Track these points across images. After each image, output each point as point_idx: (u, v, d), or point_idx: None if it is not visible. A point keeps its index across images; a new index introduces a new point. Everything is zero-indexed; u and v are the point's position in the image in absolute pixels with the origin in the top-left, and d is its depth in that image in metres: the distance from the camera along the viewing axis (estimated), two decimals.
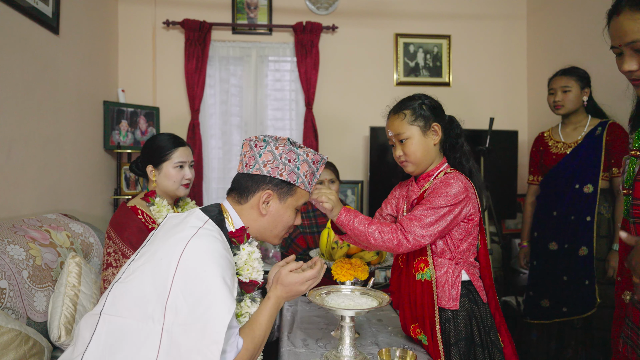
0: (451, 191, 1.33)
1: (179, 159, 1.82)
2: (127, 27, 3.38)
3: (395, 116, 1.44)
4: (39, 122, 2.28)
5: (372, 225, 1.31)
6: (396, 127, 1.43)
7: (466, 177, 1.40)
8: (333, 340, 1.48)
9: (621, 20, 1.02)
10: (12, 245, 1.67)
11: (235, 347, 1.04)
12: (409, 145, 1.41)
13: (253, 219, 1.24)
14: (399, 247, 1.29)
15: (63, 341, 1.62)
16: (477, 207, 1.40)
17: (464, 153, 1.47)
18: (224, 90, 3.48)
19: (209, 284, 1.01)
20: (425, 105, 1.43)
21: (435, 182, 1.39)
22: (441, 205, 1.31)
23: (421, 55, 3.62)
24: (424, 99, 1.45)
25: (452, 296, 1.35)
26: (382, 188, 3.33)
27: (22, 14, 2.12)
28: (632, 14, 1.00)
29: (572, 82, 2.29)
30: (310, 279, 1.21)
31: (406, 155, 1.42)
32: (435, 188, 1.37)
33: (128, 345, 0.99)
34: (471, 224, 1.39)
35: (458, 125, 1.49)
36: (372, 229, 1.31)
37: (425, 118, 1.42)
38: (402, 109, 1.43)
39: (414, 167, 1.44)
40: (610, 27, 1.05)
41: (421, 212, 1.32)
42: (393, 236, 1.29)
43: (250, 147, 1.23)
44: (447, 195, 1.32)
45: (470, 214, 1.38)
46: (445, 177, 1.39)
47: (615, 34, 1.05)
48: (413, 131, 1.41)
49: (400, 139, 1.42)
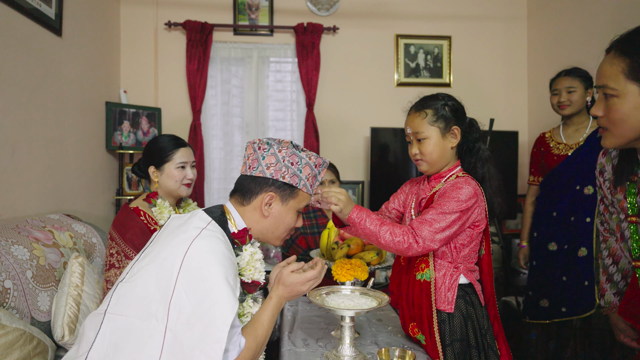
0: (462, 196, 1.32)
1: (180, 160, 1.83)
2: (129, 28, 3.40)
3: (417, 114, 1.42)
4: (42, 123, 2.30)
5: (384, 226, 1.31)
6: (416, 126, 1.41)
7: (477, 183, 1.40)
8: (333, 340, 1.49)
9: (604, 60, 1.04)
10: (16, 245, 1.68)
11: (238, 346, 1.05)
12: (426, 145, 1.40)
13: (255, 221, 1.25)
14: (408, 250, 1.29)
15: (66, 341, 1.64)
16: (484, 214, 1.39)
17: (480, 158, 1.45)
18: (225, 91, 3.49)
19: (212, 283, 1.03)
20: (448, 106, 1.41)
21: (446, 185, 1.38)
22: (453, 211, 1.30)
23: (422, 56, 3.63)
24: (448, 100, 1.43)
25: (447, 299, 1.36)
26: (382, 188, 3.34)
27: (25, 15, 2.14)
28: (612, 58, 1.02)
29: (577, 82, 2.30)
30: (311, 279, 1.22)
31: (422, 155, 1.41)
32: (445, 191, 1.36)
33: (132, 343, 1.01)
34: (476, 231, 1.39)
35: (477, 129, 1.47)
36: (383, 229, 1.30)
37: (447, 120, 1.40)
38: (424, 108, 1.41)
39: (428, 167, 1.43)
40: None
41: (433, 216, 1.31)
42: (404, 239, 1.28)
43: (254, 150, 1.25)
44: (458, 200, 1.31)
45: (477, 221, 1.38)
46: (456, 180, 1.38)
47: (596, 73, 1.07)
48: (432, 132, 1.39)
49: (418, 137, 1.41)
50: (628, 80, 0.99)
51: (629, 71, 0.98)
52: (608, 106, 1.03)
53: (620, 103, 1.00)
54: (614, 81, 1.00)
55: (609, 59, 1.02)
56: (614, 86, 1.00)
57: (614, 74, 1.00)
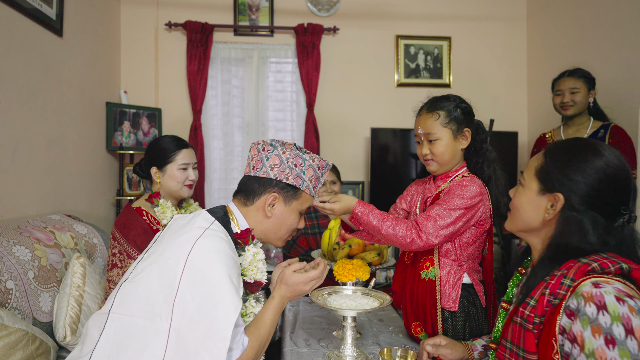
0: (467, 193, 1.33)
1: (183, 161, 1.83)
2: (130, 28, 3.40)
3: (429, 115, 1.42)
4: (43, 124, 2.30)
5: (387, 221, 1.32)
6: (428, 127, 1.41)
7: (483, 183, 1.40)
8: (335, 340, 1.49)
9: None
10: (18, 246, 1.68)
11: (241, 345, 1.06)
12: (438, 147, 1.40)
13: (258, 221, 1.26)
14: (411, 245, 1.30)
15: (68, 341, 1.64)
16: (489, 213, 1.40)
17: (487, 159, 1.46)
18: (225, 91, 3.50)
19: (216, 282, 1.03)
20: (460, 108, 1.41)
21: (452, 184, 1.40)
22: (457, 207, 1.31)
23: (422, 57, 3.64)
24: (460, 102, 1.43)
25: (452, 297, 1.36)
26: (382, 189, 3.35)
27: (25, 16, 2.14)
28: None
29: (580, 83, 2.30)
30: (313, 279, 1.23)
31: (433, 155, 1.42)
32: (451, 189, 1.37)
33: (136, 343, 1.01)
34: (481, 230, 1.40)
35: (484, 130, 1.48)
36: (386, 224, 1.31)
37: (459, 122, 1.40)
38: (436, 109, 1.41)
39: (438, 167, 1.44)
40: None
41: (437, 211, 1.31)
42: (407, 233, 1.29)
43: (258, 151, 1.25)
44: (464, 197, 1.32)
45: (482, 220, 1.38)
46: (462, 180, 1.40)
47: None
48: (445, 133, 1.40)
49: (429, 138, 1.41)
50: None
51: None
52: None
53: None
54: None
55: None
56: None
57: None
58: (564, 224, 0.96)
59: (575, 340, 0.84)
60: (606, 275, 0.88)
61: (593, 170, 0.94)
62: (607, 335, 0.80)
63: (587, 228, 0.94)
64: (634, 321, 0.80)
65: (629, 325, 0.80)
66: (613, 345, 0.80)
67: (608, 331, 0.81)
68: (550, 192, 0.99)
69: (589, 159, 0.95)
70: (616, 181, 0.94)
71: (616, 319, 0.81)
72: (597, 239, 0.93)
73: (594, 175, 0.94)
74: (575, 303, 0.86)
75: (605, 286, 0.84)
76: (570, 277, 0.89)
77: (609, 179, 0.94)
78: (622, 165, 0.95)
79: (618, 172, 0.94)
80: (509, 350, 0.96)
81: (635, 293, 0.85)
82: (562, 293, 0.89)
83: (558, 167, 0.98)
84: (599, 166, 0.94)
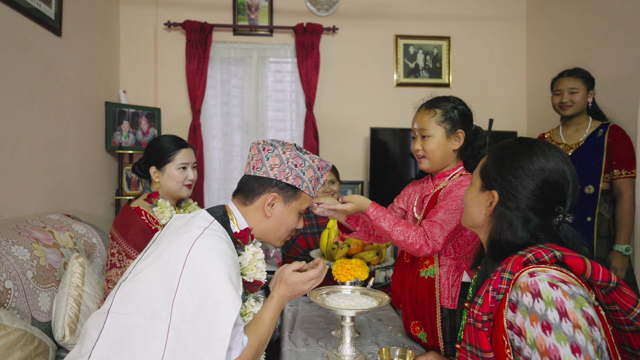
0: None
1: (182, 161, 1.83)
2: (129, 28, 3.40)
3: (426, 111, 1.46)
4: (42, 124, 2.30)
5: (398, 226, 1.34)
6: (423, 122, 1.45)
7: None
8: (334, 340, 1.50)
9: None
10: (17, 245, 1.68)
11: (241, 345, 1.06)
12: (429, 143, 1.44)
13: (257, 221, 1.26)
14: (419, 252, 1.32)
15: (67, 341, 1.64)
16: None
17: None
18: (225, 91, 3.50)
19: (216, 282, 1.03)
20: (458, 110, 1.45)
21: (452, 183, 1.42)
22: (460, 209, 1.33)
23: (421, 57, 3.64)
24: (458, 103, 1.47)
25: (451, 295, 1.37)
26: (382, 188, 3.35)
27: (24, 15, 2.14)
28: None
29: (580, 83, 2.31)
30: (313, 279, 1.23)
31: (425, 152, 1.45)
32: (451, 190, 1.39)
33: (135, 342, 1.01)
34: None
35: (483, 136, 1.51)
36: (397, 229, 1.33)
37: (454, 122, 1.44)
38: (434, 107, 1.45)
39: (429, 165, 1.47)
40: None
41: (442, 216, 1.34)
42: (416, 240, 1.31)
43: (258, 150, 1.25)
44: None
45: None
46: (461, 179, 1.42)
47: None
48: (437, 131, 1.43)
49: (423, 134, 1.45)
50: None
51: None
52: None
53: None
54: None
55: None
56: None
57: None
58: (497, 221, 1.00)
59: (521, 333, 0.85)
60: (543, 264, 0.89)
61: (525, 171, 0.97)
62: (542, 321, 0.81)
63: (517, 225, 0.96)
64: (567, 304, 0.81)
65: (562, 308, 0.81)
66: (549, 330, 0.80)
67: (543, 317, 0.81)
68: (488, 189, 1.03)
69: (522, 160, 0.98)
70: (548, 183, 0.96)
71: (550, 304, 0.81)
72: (529, 235, 0.96)
73: (525, 176, 0.97)
74: (515, 295, 0.87)
75: (540, 274, 0.85)
76: (508, 270, 0.91)
77: (542, 180, 0.96)
78: (556, 168, 0.96)
79: (552, 174, 0.96)
80: (470, 353, 0.96)
81: (570, 279, 0.86)
82: (504, 287, 0.90)
83: (495, 166, 1.02)
84: (533, 168, 0.97)
